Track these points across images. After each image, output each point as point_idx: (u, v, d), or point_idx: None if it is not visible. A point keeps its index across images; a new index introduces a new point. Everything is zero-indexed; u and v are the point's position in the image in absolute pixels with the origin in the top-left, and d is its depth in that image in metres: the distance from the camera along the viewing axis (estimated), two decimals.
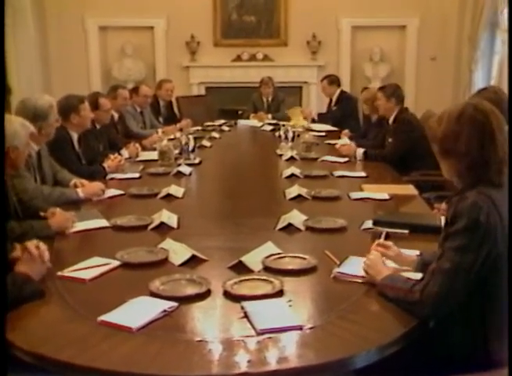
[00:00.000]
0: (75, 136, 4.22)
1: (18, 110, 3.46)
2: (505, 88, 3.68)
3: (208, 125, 6.89)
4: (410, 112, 5.04)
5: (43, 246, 2.31)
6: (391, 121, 4.93)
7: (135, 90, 6.39)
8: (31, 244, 2.29)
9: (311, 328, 1.89)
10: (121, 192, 3.69)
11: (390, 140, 4.86)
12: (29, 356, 1.79)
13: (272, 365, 1.70)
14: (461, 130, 1.95)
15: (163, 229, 2.93)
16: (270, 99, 7.61)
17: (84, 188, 3.57)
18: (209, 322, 1.99)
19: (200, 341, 1.82)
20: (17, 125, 2.77)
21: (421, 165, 4.45)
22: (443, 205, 3.12)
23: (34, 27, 8.29)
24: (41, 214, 2.91)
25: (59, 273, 2.31)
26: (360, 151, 4.83)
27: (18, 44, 8.02)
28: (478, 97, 2.96)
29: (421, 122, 5.06)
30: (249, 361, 1.70)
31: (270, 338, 1.82)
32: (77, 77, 8.65)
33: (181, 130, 6.00)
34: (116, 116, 5.58)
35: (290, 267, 2.38)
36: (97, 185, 3.66)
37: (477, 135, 1.94)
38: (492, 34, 7.92)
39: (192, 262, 2.45)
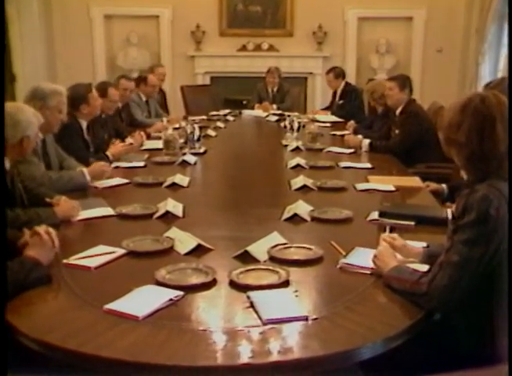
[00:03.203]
0: (84, 124, 4.25)
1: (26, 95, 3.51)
2: None
3: (213, 115, 6.89)
4: (418, 103, 5.00)
5: (53, 231, 2.31)
6: (398, 112, 4.89)
7: (143, 80, 6.38)
8: (41, 229, 2.29)
9: (316, 319, 1.88)
10: (126, 180, 3.68)
11: (396, 131, 4.84)
12: (35, 343, 1.79)
13: (277, 356, 1.69)
14: (463, 120, 1.93)
15: (168, 217, 2.92)
16: (275, 89, 7.59)
17: (88, 169, 3.58)
18: (214, 311, 1.98)
19: (205, 330, 1.81)
20: (31, 115, 2.82)
21: (427, 157, 4.45)
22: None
23: (39, 15, 8.29)
24: (47, 200, 2.91)
25: (65, 261, 2.30)
26: (366, 142, 4.81)
27: (23, 32, 8.02)
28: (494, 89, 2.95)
29: (428, 114, 5.04)
30: (253, 351, 1.70)
31: (275, 328, 1.82)
32: (82, 65, 8.64)
33: (168, 121, 5.96)
34: (119, 105, 5.57)
35: (295, 257, 2.37)
36: (98, 164, 3.68)
37: (478, 127, 1.92)
38: (501, 27, 7.85)
39: (198, 251, 2.44)
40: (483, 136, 1.91)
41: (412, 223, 2.76)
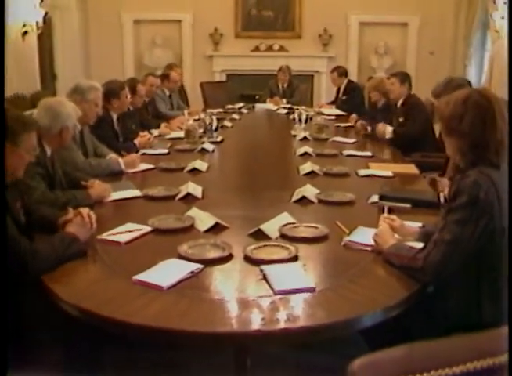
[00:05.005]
0: (115, 116, 4.25)
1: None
2: (496, 82, 3.58)
3: (229, 108, 6.85)
4: (417, 96, 4.95)
5: (93, 215, 2.31)
6: (399, 104, 4.84)
7: (166, 76, 6.36)
8: (84, 211, 2.29)
9: (322, 290, 1.86)
10: (152, 166, 3.67)
11: (400, 119, 4.76)
12: (74, 308, 1.79)
13: (285, 323, 1.67)
14: (466, 112, 1.92)
15: (189, 199, 2.90)
16: (285, 85, 7.52)
17: (123, 159, 3.60)
18: (230, 283, 1.96)
19: (222, 300, 1.80)
20: (70, 108, 2.87)
21: (422, 147, 4.38)
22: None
23: (78, 23, 8.40)
24: (83, 183, 2.91)
25: (99, 237, 2.30)
26: (389, 129, 4.73)
27: (64, 38, 8.19)
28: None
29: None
30: (264, 319, 1.68)
31: (284, 298, 1.80)
32: (113, 64, 8.61)
33: (189, 114, 5.91)
34: (146, 99, 5.55)
35: (304, 235, 2.35)
36: (131, 156, 3.70)
37: (481, 117, 1.90)
38: (484, 34, 7.95)
39: (216, 228, 2.42)
40: (485, 125, 1.90)
41: (409, 206, 2.72)
